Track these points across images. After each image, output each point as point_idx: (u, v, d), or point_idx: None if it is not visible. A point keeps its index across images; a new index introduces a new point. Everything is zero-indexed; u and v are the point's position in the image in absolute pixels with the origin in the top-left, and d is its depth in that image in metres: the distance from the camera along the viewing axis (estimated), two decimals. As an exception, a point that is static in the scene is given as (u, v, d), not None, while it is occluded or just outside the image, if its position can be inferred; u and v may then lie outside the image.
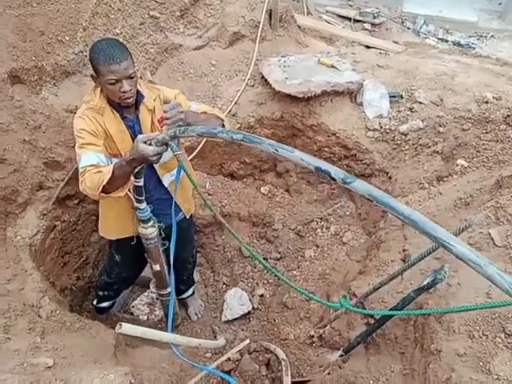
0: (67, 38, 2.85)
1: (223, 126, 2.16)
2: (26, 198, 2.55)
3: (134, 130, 2.05)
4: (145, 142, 1.64)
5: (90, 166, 1.83)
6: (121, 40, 3.26)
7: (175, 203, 2.05)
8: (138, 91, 2.01)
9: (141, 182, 1.92)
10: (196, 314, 3.25)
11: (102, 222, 2.42)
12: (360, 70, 3.55)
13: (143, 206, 2.06)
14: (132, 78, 1.84)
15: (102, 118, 1.96)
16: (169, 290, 2.52)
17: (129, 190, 1.96)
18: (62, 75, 2.88)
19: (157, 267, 2.35)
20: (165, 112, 1.73)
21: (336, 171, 1.09)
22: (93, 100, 1.95)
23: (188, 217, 2.57)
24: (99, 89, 1.95)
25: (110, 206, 2.24)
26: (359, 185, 1.05)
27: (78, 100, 2.91)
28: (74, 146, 2.77)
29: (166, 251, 2.25)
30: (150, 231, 2.15)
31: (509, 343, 1.55)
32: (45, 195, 2.69)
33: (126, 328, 1.69)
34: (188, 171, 1.77)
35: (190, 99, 2.34)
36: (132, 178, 1.87)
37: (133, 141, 2.00)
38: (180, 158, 1.71)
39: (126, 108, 2.01)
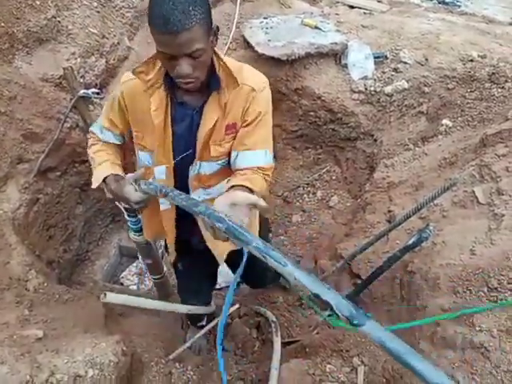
0: (38, 3, 2.71)
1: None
2: (5, 171, 2.48)
3: (186, 123, 1.43)
4: (132, 183, 1.31)
5: (94, 134, 1.57)
6: (95, 4, 3.13)
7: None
8: (213, 72, 1.34)
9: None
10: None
11: None
12: (344, 30, 3.47)
13: (135, 219, 2.00)
14: (196, 57, 1.18)
15: (143, 102, 1.37)
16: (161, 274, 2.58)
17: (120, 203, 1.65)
18: (34, 43, 2.75)
19: (148, 261, 2.37)
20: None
21: (340, 304, 0.70)
22: (147, 73, 1.34)
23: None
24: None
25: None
26: (371, 329, 0.69)
27: (53, 69, 2.80)
28: (51, 117, 2.71)
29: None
30: (141, 239, 2.14)
31: (491, 296, 1.59)
32: (25, 168, 2.63)
33: (111, 297, 1.68)
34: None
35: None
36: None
37: (173, 137, 1.41)
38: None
39: (187, 91, 1.35)
